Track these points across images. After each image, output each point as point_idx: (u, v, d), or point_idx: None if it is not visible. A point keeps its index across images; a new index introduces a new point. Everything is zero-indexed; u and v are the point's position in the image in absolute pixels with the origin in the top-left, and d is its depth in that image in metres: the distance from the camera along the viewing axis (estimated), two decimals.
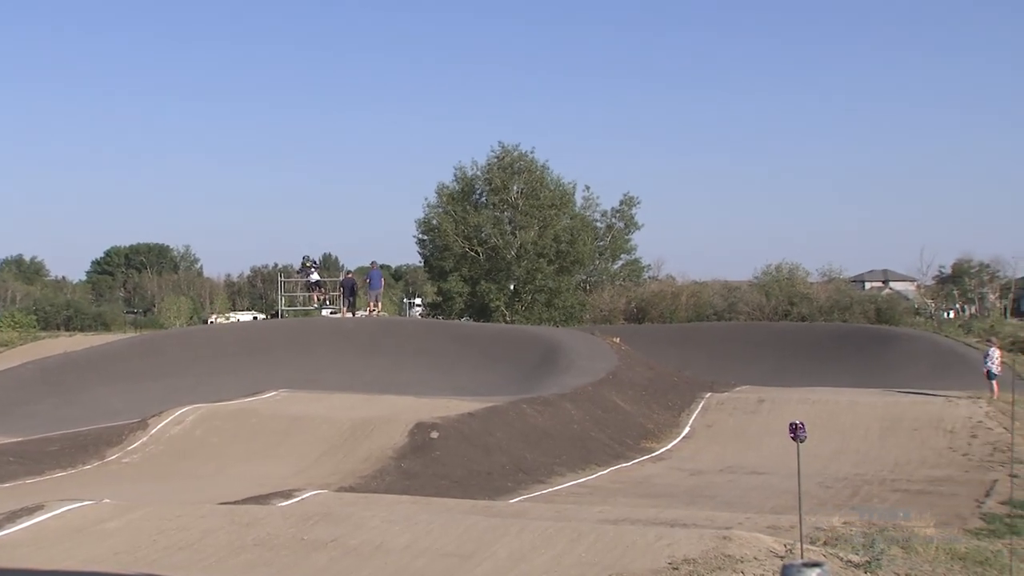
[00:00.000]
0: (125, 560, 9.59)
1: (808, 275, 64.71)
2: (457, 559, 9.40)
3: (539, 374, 29.76)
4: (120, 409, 26.13)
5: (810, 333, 40.86)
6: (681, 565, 8.35)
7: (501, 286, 59.99)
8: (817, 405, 25.91)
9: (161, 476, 19.24)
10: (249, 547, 10.25)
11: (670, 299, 55.60)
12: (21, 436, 22.87)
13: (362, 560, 9.61)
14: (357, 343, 34.40)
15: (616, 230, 66.16)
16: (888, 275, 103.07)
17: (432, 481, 18.23)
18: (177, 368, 32.78)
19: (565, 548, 9.42)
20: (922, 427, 24.04)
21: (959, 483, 19.45)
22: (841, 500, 17.50)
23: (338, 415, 22.58)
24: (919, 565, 9.19)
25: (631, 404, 26.83)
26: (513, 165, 61.68)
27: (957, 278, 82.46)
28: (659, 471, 21.52)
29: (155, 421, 22.45)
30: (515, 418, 22.64)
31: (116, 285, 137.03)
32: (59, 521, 11.67)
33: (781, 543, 9.16)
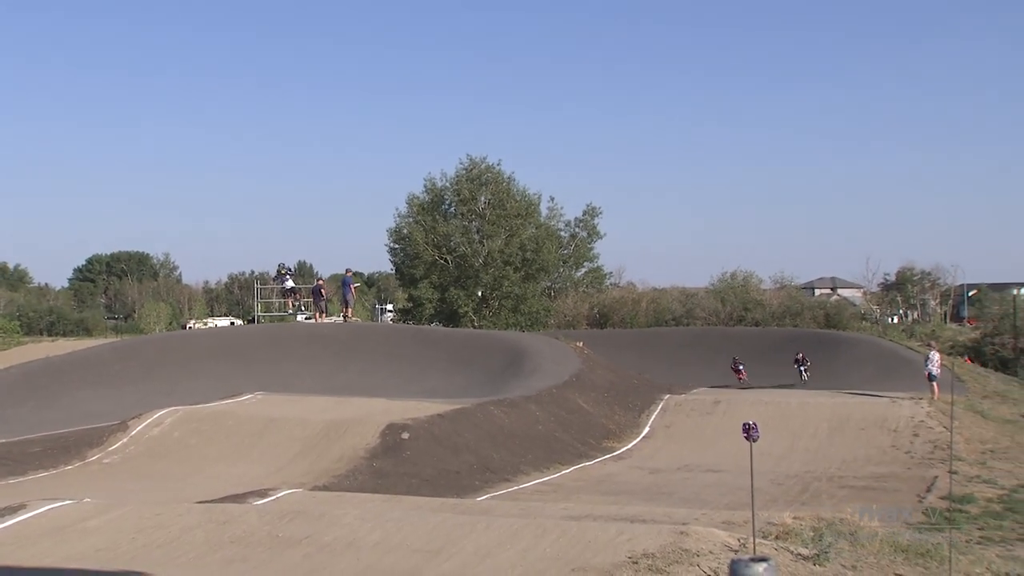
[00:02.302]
0: (106, 557, 9.52)
1: (761, 282, 65.20)
2: (426, 555, 9.38)
3: (505, 377, 29.77)
4: (101, 412, 25.88)
5: (763, 337, 41.18)
6: (640, 559, 8.37)
7: (469, 293, 60.03)
8: (770, 406, 26.13)
9: (140, 476, 19.09)
10: (226, 544, 10.19)
11: (631, 305, 55.79)
12: (3, 438, 22.60)
13: (335, 556, 9.57)
14: (331, 348, 34.26)
15: (579, 239, 66.32)
16: (836, 282, 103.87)
17: (403, 480, 18.19)
18: (156, 372, 32.51)
19: (530, 544, 9.42)
20: (868, 426, 24.29)
21: (902, 479, 19.67)
22: (792, 496, 17.64)
23: (312, 417, 22.48)
24: (864, 557, 9.26)
25: (593, 406, 26.89)
26: (481, 176, 61.82)
27: (901, 285, 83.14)
28: (620, 469, 21.58)
29: (135, 423, 22.27)
30: (482, 419, 22.64)
31: (97, 292, 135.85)
32: (41, 520, 11.55)
33: (735, 538, 9.21)
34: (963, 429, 23.55)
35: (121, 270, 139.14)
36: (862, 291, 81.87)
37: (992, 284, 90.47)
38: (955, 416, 23.26)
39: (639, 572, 7.98)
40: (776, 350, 37.26)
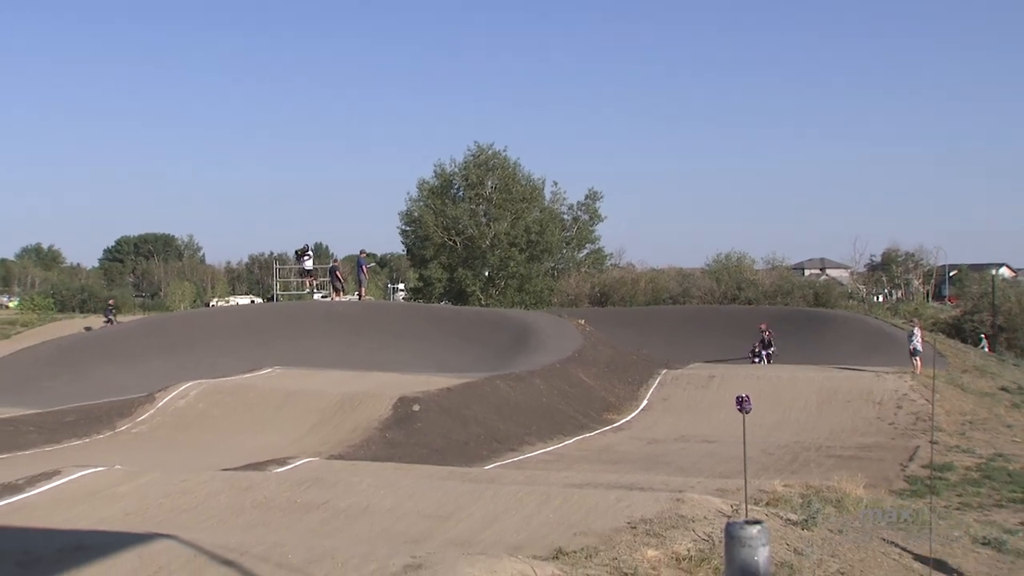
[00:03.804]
0: (135, 521, 9.57)
1: (754, 263, 65.09)
2: (437, 520, 9.41)
3: (511, 353, 29.78)
4: (129, 384, 25.95)
5: (756, 315, 41.06)
6: (639, 524, 8.40)
7: (477, 273, 59.96)
8: (762, 380, 26.12)
9: (167, 445, 19.16)
10: (248, 509, 10.23)
11: (630, 285, 55.63)
12: (40, 408, 22.68)
13: (350, 520, 9.61)
14: (346, 325, 34.28)
15: (581, 222, 66.12)
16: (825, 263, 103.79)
17: (414, 450, 18.23)
18: (181, 347, 32.56)
19: (534, 510, 9.45)
20: (854, 399, 24.26)
21: (886, 449, 19.67)
22: (782, 465, 17.64)
23: (328, 390, 22.51)
24: (850, 522, 9.29)
25: (595, 380, 26.90)
26: (488, 162, 61.64)
27: (886, 266, 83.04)
28: (619, 440, 21.60)
29: (161, 395, 22.34)
30: (490, 393, 22.66)
31: (126, 271, 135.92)
32: (75, 485, 11.61)
33: (728, 504, 9.24)
34: (944, 402, 23.54)
35: (148, 251, 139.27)
36: (849, 271, 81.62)
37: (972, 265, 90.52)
38: (937, 389, 23.24)
39: (637, 536, 8.00)
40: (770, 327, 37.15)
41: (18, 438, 19.11)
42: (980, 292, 52.78)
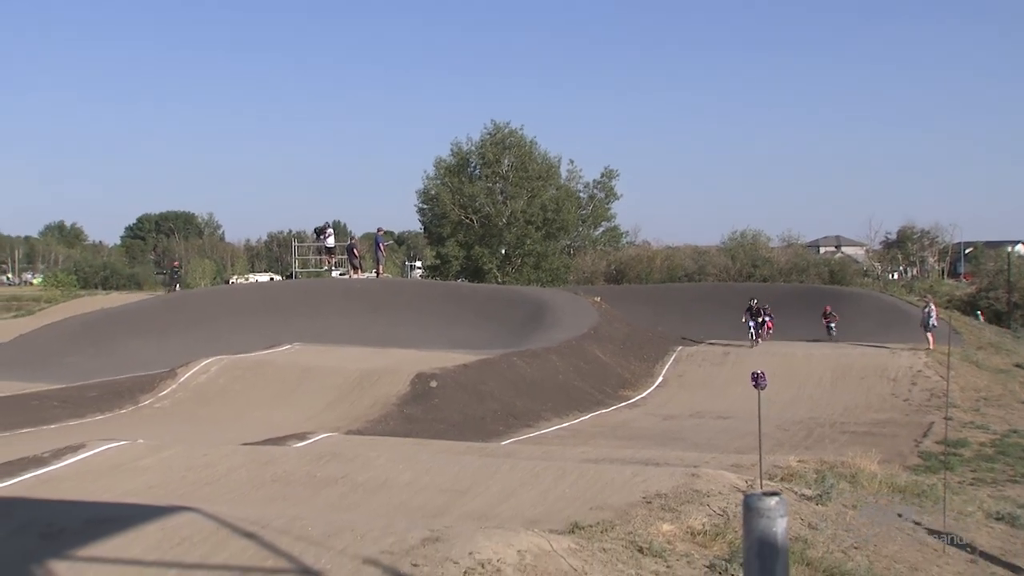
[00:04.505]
0: (158, 493, 9.63)
1: (769, 240, 64.85)
2: (454, 494, 9.43)
3: (528, 330, 29.80)
4: (151, 360, 26.12)
5: (771, 292, 40.94)
6: (654, 499, 8.40)
7: (493, 250, 59.93)
8: (777, 357, 26.06)
9: (188, 420, 19.27)
10: (268, 483, 10.28)
11: (646, 262, 55.53)
12: (64, 383, 22.86)
13: (369, 495, 9.64)
14: (364, 302, 34.35)
15: (597, 200, 65.89)
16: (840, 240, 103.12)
17: (431, 425, 18.28)
18: (202, 324, 32.72)
19: (550, 484, 9.46)
20: (868, 376, 24.21)
21: (900, 425, 19.62)
22: (796, 441, 17.63)
23: (347, 366, 22.59)
24: (864, 497, 9.27)
25: (610, 356, 26.91)
26: (504, 141, 61.47)
27: (901, 243, 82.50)
28: (635, 416, 21.62)
29: (183, 371, 22.46)
30: (506, 369, 22.69)
31: (147, 249, 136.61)
32: (99, 458, 11.68)
33: (743, 479, 9.23)
34: (958, 378, 23.44)
35: (169, 228, 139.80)
36: (865, 249, 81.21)
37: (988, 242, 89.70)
38: (951, 366, 23.12)
39: (653, 511, 8.00)
40: (784, 305, 37.01)
41: (43, 412, 19.26)
42: (996, 269, 52.39)
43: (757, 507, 3.51)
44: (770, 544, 3.48)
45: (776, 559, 3.48)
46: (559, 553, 5.97)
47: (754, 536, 3.50)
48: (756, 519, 3.50)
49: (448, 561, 5.61)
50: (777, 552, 3.47)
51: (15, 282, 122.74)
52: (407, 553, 5.78)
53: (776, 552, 3.47)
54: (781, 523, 3.50)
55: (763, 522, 3.49)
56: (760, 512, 3.50)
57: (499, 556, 5.69)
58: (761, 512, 3.50)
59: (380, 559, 5.71)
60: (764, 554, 3.48)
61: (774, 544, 3.48)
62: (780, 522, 3.49)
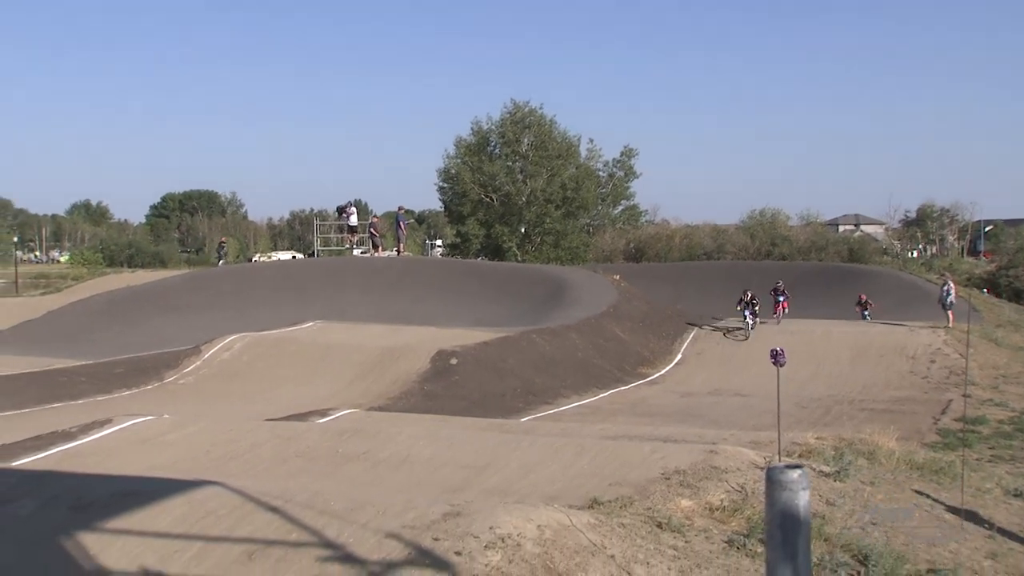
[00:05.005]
0: (183, 468, 9.70)
1: (789, 219, 64.54)
2: (475, 470, 9.46)
3: (547, 307, 29.78)
4: (176, 336, 26.28)
5: (790, 271, 40.74)
6: (673, 475, 8.39)
7: (513, 229, 59.92)
8: (795, 335, 25.92)
9: (213, 396, 19.40)
10: (291, 458, 10.34)
11: (665, 241, 55.39)
12: (91, 359, 23.04)
13: (390, 470, 9.68)
14: (385, 280, 34.41)
15: (617, 179, 65.72)
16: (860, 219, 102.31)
17: (452, 402, 18.33)
18: (225, 301, 32.89)
19: (570, 460, 9.47)
20: (887, 354, 24.07)
21: (919, 403, 19.53)
22: (815, 418, 17.58)
23: (368, 343, 22.66)
24: (882, 474, 9.24)
25: (629, 334, 26.87)
26: (524, 120, 61.38)
27: (921, 221, 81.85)
28: (654, 393, 21.61)
29: (207, 347, 22.59)
30: (525, 346, 22.71)
31: (171, 227, 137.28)
32: (126, 433, 11.79)
33: (761, 456, 9.21)
34: (977, 356, 23.27)
35: (193, 207, 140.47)
36: (884, 227, 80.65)
37: (1008, 220, 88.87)
38: (970, 343, 22.98)
39: (671, 487, 8.00)
40: (803, 283, 36.84)
41: (71, 388, 19.45)
42: (1016, 247, 51.98)
43: (780, 480, 3.52)
44: (792, 516, 3.49)
45: (798, 531, 3.49)
46: (578, 528, 5.99)
47: (776, 508, 3.51)
48: (779, 492, 3.51)
49: (469, 536, 5.64)
50: (799, 524, 3.49)
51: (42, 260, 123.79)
52: (428, 528, 5.81)
53: (798, 524, 3.49)
54: (803, 496, 3.51)
55: (785, 495, 3.50)
56: (783, 485, 3.51)
57: (519, 531, 5.72)
58: (784, 485, 3.51)
59: (402, 533, 5.74)
60: (786, 526, 3.49)
61: (796, 516, 3.49)
62: (802, 495, 3.50)
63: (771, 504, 3.52)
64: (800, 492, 3.48)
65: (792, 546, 3.47)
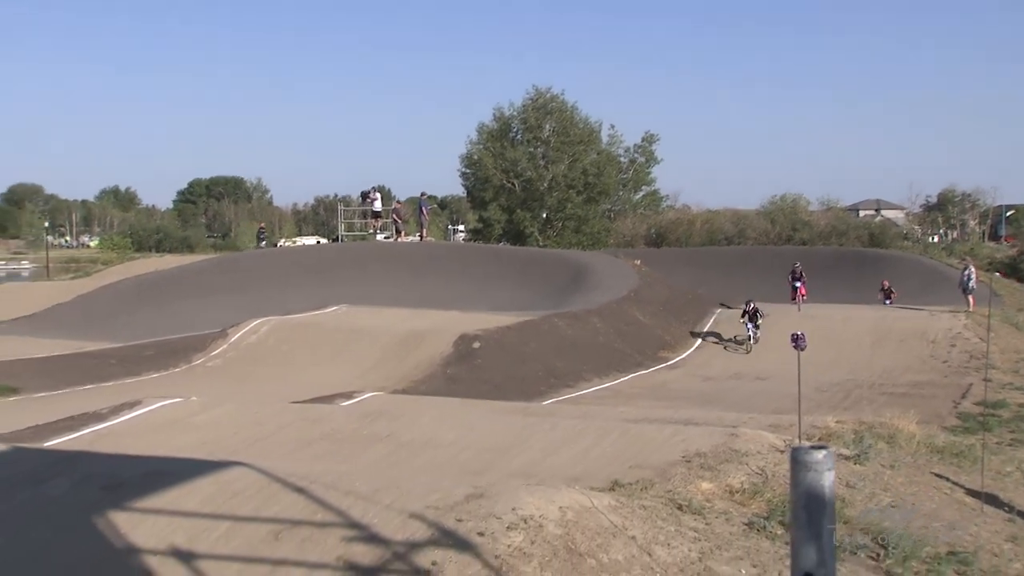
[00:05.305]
0: (211, 449, 9.78)
1: (809, 204, 64.06)
2: (497, 452, 9.49)
3: (568, 292, 29.75)
4: (203, 320, 26.43)
5: (810, 256, 40.48)
6: (693, 458, 8.40)
7: (535, 214, 59.86)
8: (816, 319, 25.75)
9: (239, 378, 19.53)
10: (317, 440, 10.41)
11: (686, 226, 55.11)
12: (121, 342, 23.24)
13: (414, 452, 9.73)
14: (408, 265, 34.48)
15: (638, 164, 65.44)
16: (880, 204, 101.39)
17: (474, 385, 18.36)
18: (252, 285, 33.05)
19: (591, 443, 9.48)
20: (908, 338, 23.91)
21: (939, 386, 19.39)
22: (835, 402, 17.49)
23: (392, 327, 22.71)
24: (902, 457, 9.20)
25: (650, 319, 26.81)
26: (546, 106, 61.22)
27: (942, 206, 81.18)
28: (674, 377, 21.58)
29: (234, 331, 22.72)
30: (547, 330, 22.70)
31: (198, 212, 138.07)
32: (155, 415, 11.90)
33: (781, 439, 9.19)
34: (998, 340, 23.05)
35: (219, 193, 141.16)
36: (905, 212, 79.93)
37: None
38: (991, 328, 22.77)
39: (692, 470, 8.00)
40: (823, 268, 36.58)
41: (101, 370, 19.64)
42: None
43: (804, 460, 3.52)
44: (817, 497, 3.49)
45: (823, 512, 3.50)
46: (600, 510, 6.00)
47: (801, 489, 3.52)
48: (803, 472, 3.52)
49: (491, 516, 5.66)
50: (824, 505, 3.50)
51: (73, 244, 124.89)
52: (452, 509, 5.84)
53: (823, 505, 3.49)
54: (828, 476, 3.51)
55: (810, 475, 3.50)
56: (807, 465, 3.51)
57: (541, 512, 5.73)
58: (808, 465, 3.51)
59: (425, 514, 5.77)
60: (811, 507, 3.50)
61: (821, 497, 3.49)
62: (827, 475, 3.51)
63: (796, 485, 3.52)
64: (825, 473, 3.48)
65: (817, 526, 3.48)
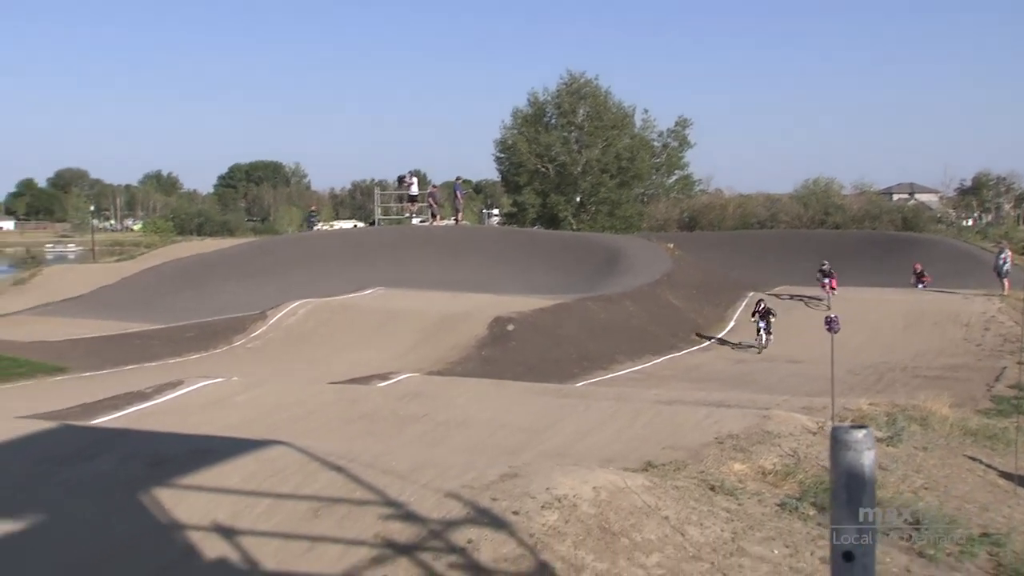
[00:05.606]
0: (252, 428, 9.87)
1: (842, 188, 63.32)
2: (531, 433, 9.51)
3: (602, 275, 29.66)
4: (243, 302, 26.61)
5: (843, 239, 40.06)
6: (726, 440, 8.37)
7: (568, 198, 59.75)
8: (849, 302, 25.47)
9: (279, 359, 19.67)
10: (355, 420, 10.48)
11: (718, 210, 54.81)
12: (163, 323, 23.47)
13: (449, 431, 9.77)
14: (444, 248, 34.50)
15: (671, 149, 65.07)
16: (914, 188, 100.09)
17: (509, 367, 18.37)
18: (290, 268, 33.24)
19: (625, 424, 9.48)
20: (941, 321, 23.60)
21: (973, 369, 19.14)
22: (868, 385, 17.32)
23: (428, 310, 22.76)
24: (935, 440, 9.12)
25: (683, 302, 26.68)
26: (580, 91, 61.01)
27: (976, 190, 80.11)
28: (707, 359, 21.47)
29: (273, 313, 22.87)
30: (581, 313, 22.67)
31: (238, 197, 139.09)
32: (197, 394, 12.04)
33: (814, 421, 9.13)
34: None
35: (258, 177, 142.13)
36: (939, 196, 78.90)
37: None
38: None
39: (724, 451, 7.98)
40: (856, 252, 36.23)
41: (145, 350, 19.87)
42: None
43: (845, 440, 3.51)
44: (858, 476, 3.48)
45: (863, 491, 3.49)
46: (633, 490, 6.00)
47: (841, 468, 3.51)
48: (843, 451, 3.51)
49: (526, 496, 5.67)
50: (864, 484, 3.49)
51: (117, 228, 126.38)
52: (487, 488, 5.86)
53: (863, 484, 3.49)
54: (869, 455, 3.50)
55: (850, 455, 3.49)
56: (847, 445, 3.50)
57: (575, 492, 5.74)
58: (849, 445, 3.50)
59: (461, 493, 5.79)
60: (851, 486, 3.50)
61: (861, 476, 3.48)
62: (868, 455, 3.50)
63: (836, 464, 3.51)
64: (865, 452, 3.47)
65: (857, 506, 3.47)
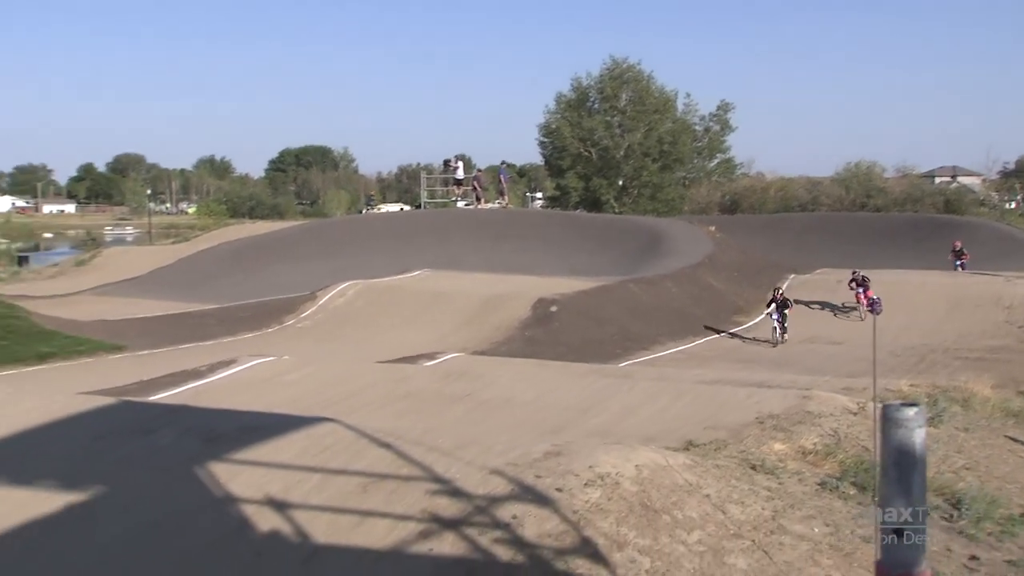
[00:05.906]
0: (302, 405, 9.96)
1: (884, 171, 62.13)
2: (575, 412, 9.50)
3: (644, 258, 29.53)
4: (293, 283, 26.86)
5: (885, 222, 39.50)
6: (767, 419, 8.31)
7: (611, 182, 59.46)
8: (890, 285, 25.06)
9: (328, 339, 19.86)
10: (401, 398, 10.54)
11: (760, 193, 54.21)
12: (218, 303, 23.78)
13: (493, 410, 9.80)
14: (488, 231, 34.53)
15: (712, 132, 64.37)
16: (957, 170, 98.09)
17: (552, 347, 18.38)
18: (339, 250, 33.47)
19: (668, 403, 9.45)
20: (983, 304, 23.19)
21: (1015, 352, 18.81)
22: (909, 366, 17.08)
23: (472, 291, 22.82)
24: (976, 420, 8.98)
25: (724, 284, 26.49)
26: (622, 76, 60.59)
27: (1020, 173, 78.34)
28: (748, 341, 21.31)
29: (322, 294, 23.07)
30: (623, 295, 22.60)
31: (288, 181, 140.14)
32: (249, 372, 12.18)
33: (854, 402, 9.03)
34: None
35: (308, 162, 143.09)
36: (982, 179, 77.27)
37: None
38: None
39: (765, 431, 7.92)
40: (897, 234, 35.72)
41: (201, 329, 20.16)
42: None
43: (895, 417, 3.48)
44: (908, 453, 3.45)
45: (914, 468, 3.47)
46: (675, 468, 5.98)
47: (892, 445, 3.48)
48: (894, 429, 3.47)
49: (569, 474, 5.67)
50: (915, 461, 3.46)
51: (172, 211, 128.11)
52: (531, 465, 5.86)
53: (914, 461, 3.46)
54: (919, 433, 3.47)
55: (901, 432, 3.46)
56: (898, 423, 3.47)
57: (617, 470, 5.73)
58: (899, 423, 3.47)
59: (505, 470, 5.80)
60: (902, 463, 3.47)
61: (912, 453, 3.45)
62: (918, 432, 3.46)
63: (886, 442, 3.48)
64: (916, 430, 3.44)
65: (907, 482, 3.45)
